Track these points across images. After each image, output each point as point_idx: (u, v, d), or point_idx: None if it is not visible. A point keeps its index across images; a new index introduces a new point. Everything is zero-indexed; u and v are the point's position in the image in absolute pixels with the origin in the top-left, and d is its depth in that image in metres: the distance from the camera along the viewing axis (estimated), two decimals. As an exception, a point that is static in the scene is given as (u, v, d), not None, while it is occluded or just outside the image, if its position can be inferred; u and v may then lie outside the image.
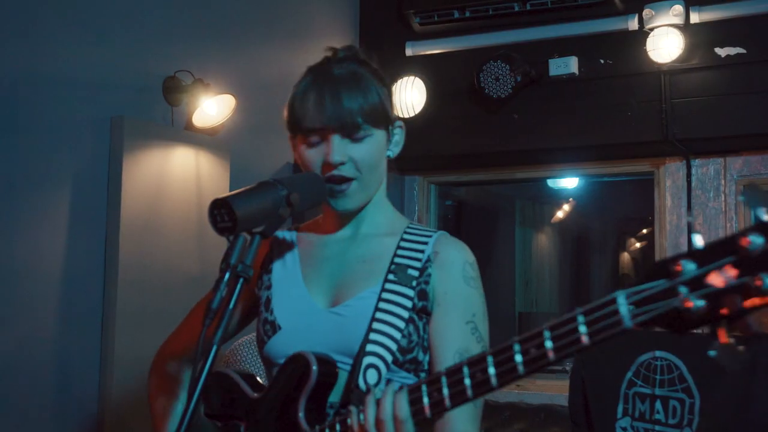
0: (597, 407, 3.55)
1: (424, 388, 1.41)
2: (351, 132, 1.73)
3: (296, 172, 4.65)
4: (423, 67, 5.08)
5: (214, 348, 1.43)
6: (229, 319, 1.47)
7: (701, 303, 1.09)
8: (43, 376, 3.46)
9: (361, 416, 1.48)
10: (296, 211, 1.61)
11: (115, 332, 3.64)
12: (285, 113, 1.82)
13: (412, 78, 4.97)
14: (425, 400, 1.40)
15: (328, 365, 1.62)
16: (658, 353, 3.42)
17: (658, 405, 3.35)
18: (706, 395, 3.25)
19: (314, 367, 1.58)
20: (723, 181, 4.72)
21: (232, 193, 1.53)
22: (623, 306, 1.16)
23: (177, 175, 3.97)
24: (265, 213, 1.54)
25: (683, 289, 1.11)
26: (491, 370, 1.31)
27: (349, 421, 1.51)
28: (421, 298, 1.73)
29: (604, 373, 3.55)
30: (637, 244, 9.97)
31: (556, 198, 8.84)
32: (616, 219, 9.87)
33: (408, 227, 1.84)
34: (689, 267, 1.11)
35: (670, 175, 4.86)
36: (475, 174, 5.47)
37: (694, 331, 1.12)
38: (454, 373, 1.37)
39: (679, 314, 1.11)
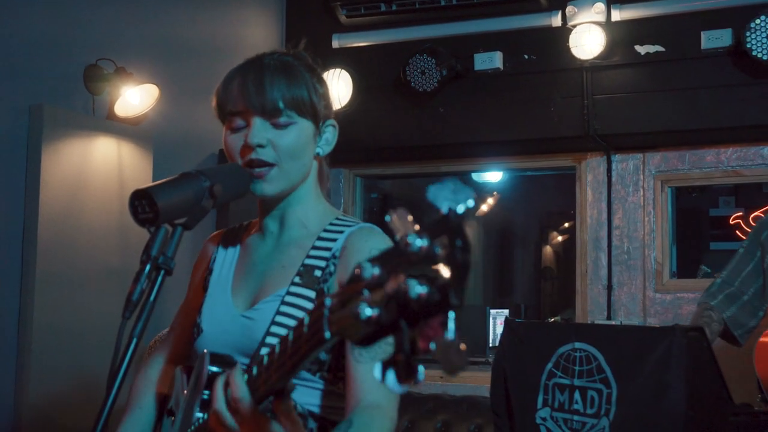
0: (517, 398, 3.61)
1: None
2: (273, 115, 1.70)
3: (221, 163, 4.61)
4: (349, 59, 5.08)
5: (134, 342, 1.42)
6: (150, 312, 1.46)
7: (371, 311, 0.95)
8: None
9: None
10: (219, 203, 1.60)
11: (33, 324, 3.57)
12: (213, 100, 1.79)
13: (338, 70, 4.97)
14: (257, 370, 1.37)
15: (222, 365, 1.63)
16: (577, 344, 3.48)
17: (576, 395, 3.42)
18: (623, 385, 3.32)
19: (206, 367, 1.62)
20: (642, 176, 4.83)
21: (154, 183, 1.52)
22: (326, 311, 1.09)
23: (98, 166, 3.90)
24: (188, 204, 1.53)
25: (366, 293, 0.98)
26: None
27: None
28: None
29: (525, 365, 3.60)
30: (559, 238, 10.13)
31: (481, 192, 8.93)
32: (538, 213, 10.01)
33: (331, 222, 1.79)
34: (371, 270, 0.98)
35: (591, 170, 4.95)
36: (400, 167, 5.50)
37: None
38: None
39: (362, 322, 0.97)
